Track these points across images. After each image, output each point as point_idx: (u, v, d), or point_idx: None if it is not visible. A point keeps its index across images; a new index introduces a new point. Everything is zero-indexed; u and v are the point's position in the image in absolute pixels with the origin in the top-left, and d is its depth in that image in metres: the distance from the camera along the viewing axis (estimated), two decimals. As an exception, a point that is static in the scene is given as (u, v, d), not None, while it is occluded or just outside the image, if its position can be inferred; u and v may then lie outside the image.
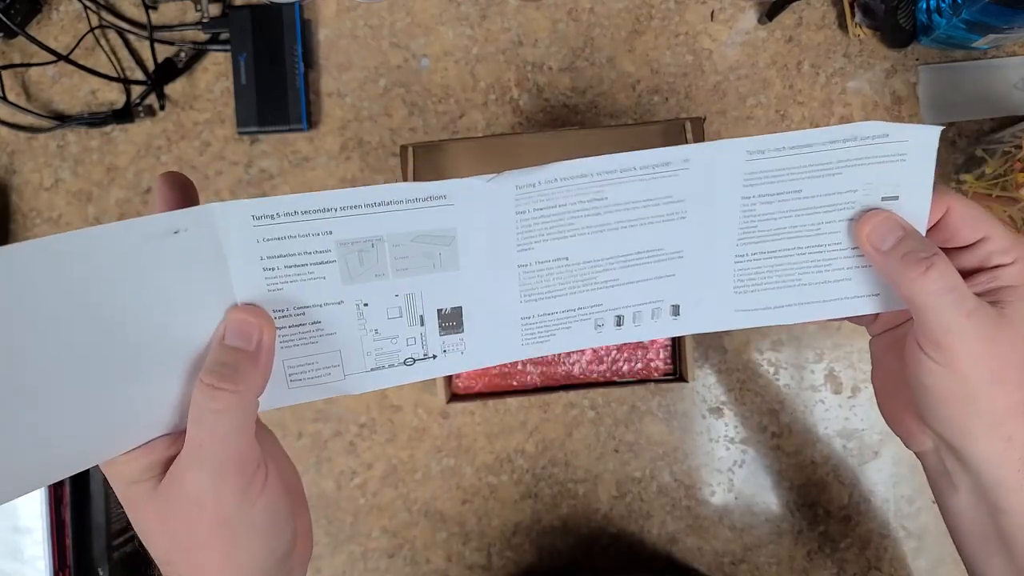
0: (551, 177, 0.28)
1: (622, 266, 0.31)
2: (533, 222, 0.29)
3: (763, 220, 0.32)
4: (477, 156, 0.48)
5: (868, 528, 0.56)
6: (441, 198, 0.27)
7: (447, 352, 0.31)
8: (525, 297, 0.30)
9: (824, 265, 0.33)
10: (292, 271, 0.27)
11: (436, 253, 0.28)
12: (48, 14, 0.60)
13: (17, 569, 0.51)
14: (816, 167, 0.31)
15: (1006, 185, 0.49)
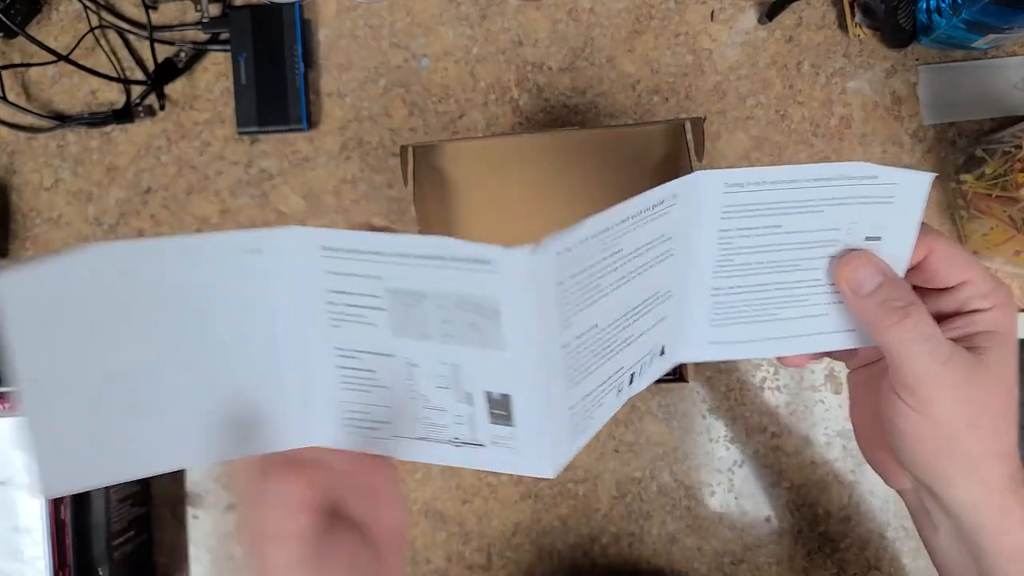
0: (584, 235, 0.25)
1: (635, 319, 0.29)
2: (570, 292, 0.26)
3: (740, 253, 0.31)
4: (477, 157, 0.48)
5: (868, 528, 0.56)
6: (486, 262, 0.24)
7: (496, 444, 0.28)
8: (571, 381, 0.27)
9: (802, 300, 0.32)
10: (349, 309, 0.26)
11: (481, 325, 0.25)
12: (48, 14, 0.60)
13: (17, 569, 0.51)
14: (798, 203, 0.30)
15: (1006, 185, 0.49)
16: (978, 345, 0.30)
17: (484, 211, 0.51)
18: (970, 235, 0.54)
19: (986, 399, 0.29)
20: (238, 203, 0.59)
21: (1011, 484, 0.30)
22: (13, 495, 0.51)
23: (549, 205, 0.51)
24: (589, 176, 0.50)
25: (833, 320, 0.33)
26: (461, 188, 0.50)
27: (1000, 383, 0.30)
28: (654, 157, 0.49)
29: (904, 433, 0.30)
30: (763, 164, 0.57)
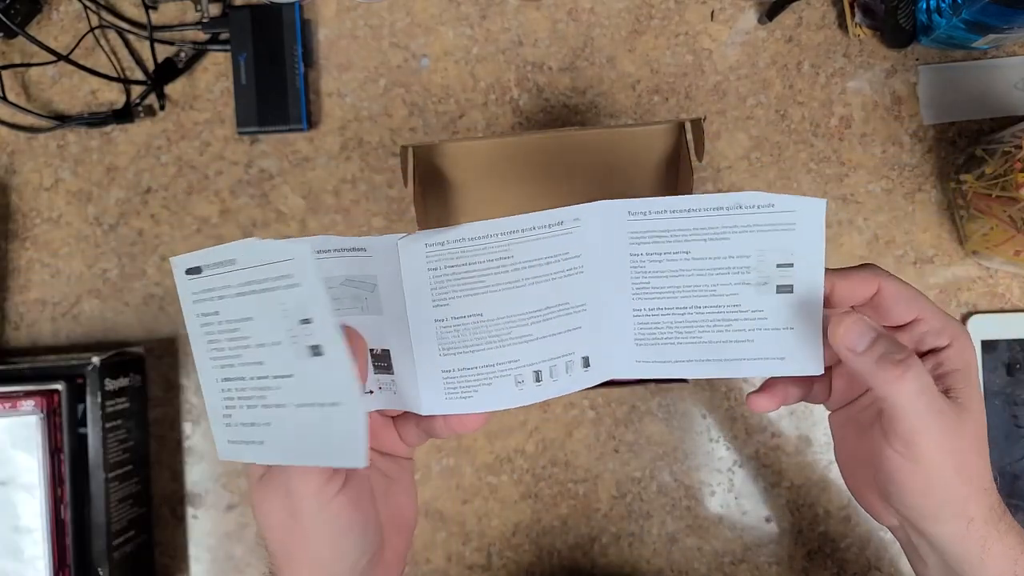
0: (459, 236, 0.31)
1: (534, 321, 0.33)
2: (446, 279, 0.31)
3: (655, 277, 0.33)
4: (477, 157, 0.48)
5: (868, 528, 0.56)
6: (362, 250, 0.31)
7: (382, 389, 0.34)
8: (443, 350, 0.32)
9: (724, 325, 0.34)
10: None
11: (362, 297, 0.32)
12: (48, 14, 0.60)
13: (17, 569, 0.51)
14: (702, 231, 0.32)
15: (1006, 185, 0.49)
16: (952, 386, 0.31)
17: (484, 211, 0.51)
18: (970, 235, 0.54)
19: (970, 443, 0.31)
20: (238, 203, 0.59)
21: (992, 515, 0.32)
22: (13, 495, 0.51)
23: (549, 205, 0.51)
24: (589, 176, 0.50)
25: (760, 347, 0.34)
26: (461, 188, 0.50)
27: (977, 423, 0.31)
28: (654, 157, 0.49)
29: (893, 478, 0.32)
30: (763, 164, 0.57)
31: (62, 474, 0.51)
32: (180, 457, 0.58)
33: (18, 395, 0.51)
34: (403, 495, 0.37)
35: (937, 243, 0.57)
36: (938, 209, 0.57)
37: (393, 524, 0.35)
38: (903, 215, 0.57)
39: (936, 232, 0.57)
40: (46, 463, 0.51)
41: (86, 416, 0.51)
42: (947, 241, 0.56)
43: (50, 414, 0.51)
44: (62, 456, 0.52)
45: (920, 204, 0.57)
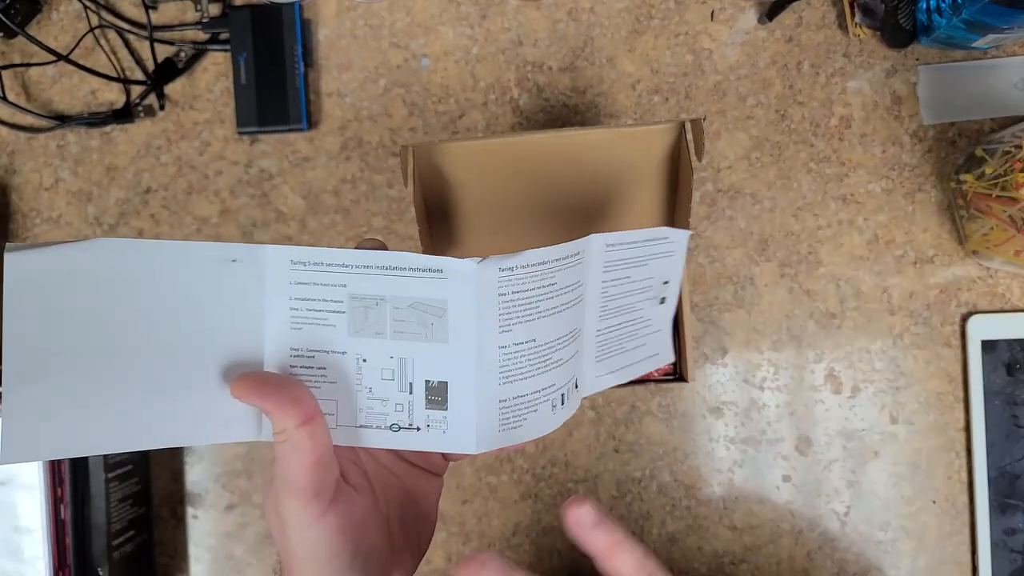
0: (524, 262, 0.31)
1: (563, 346, 0.34)
2: (512, 304, 0.32)
3: (611, 300, 0.38)
4: (477, 157, 0.48)
5: (868, 528, 0.56)
6: (438, 271, 0.30)
7: (430, 427, 0.32)
8: (503, 379, 0.32)
9: (633, 334, 0.41)
10: (310, 314, 0.31)
11: (429, 322, 0.31)
12: (48, 14, 0.60)
13: (17, 569, 0.51)
14: (638, 259, 0.38)
15: (1006, 185, 0.49)
16: None
17: (484, 211, 0.51)
18: (970, 235, 0.54)
19: None
20: (238, 203, 0.59)
21: None
22: (14, 495, 0.51)
23: (549, 205, 0.51)
24: (589, 176, 0.50)
25: (648, 348, 0.42)
26: (461, 188, 0.50)
27: None
28: (654, 157, 0.49)
29: None
30: (763, 164, 0.57)
31: (62, 474, 0.51)
32: (180, 457, 0.58)
33: (18, 395, 0.51)
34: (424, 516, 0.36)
35: (937, 243, 0.57)
36: (938, 209, 0.57)
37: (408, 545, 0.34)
38: (903, 215, 0.57)
39: (936, 232, 0.57)
40: (46, 463, 0.51)
41: (86, 416, 0.51)
42: (947, 241, 0.56)
43: (50, 414, 0.51)
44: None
45: (920, 204, 0.57)
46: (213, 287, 0.29)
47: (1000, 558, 0.55)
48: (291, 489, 0.29)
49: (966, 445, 0.56)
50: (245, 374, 0.29)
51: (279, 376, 0.30)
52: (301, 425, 0.28)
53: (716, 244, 0.57)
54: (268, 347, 0.31)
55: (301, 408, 0.29)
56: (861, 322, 0.57)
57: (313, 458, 0.29)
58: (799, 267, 0.57)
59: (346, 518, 0.30)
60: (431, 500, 0.36)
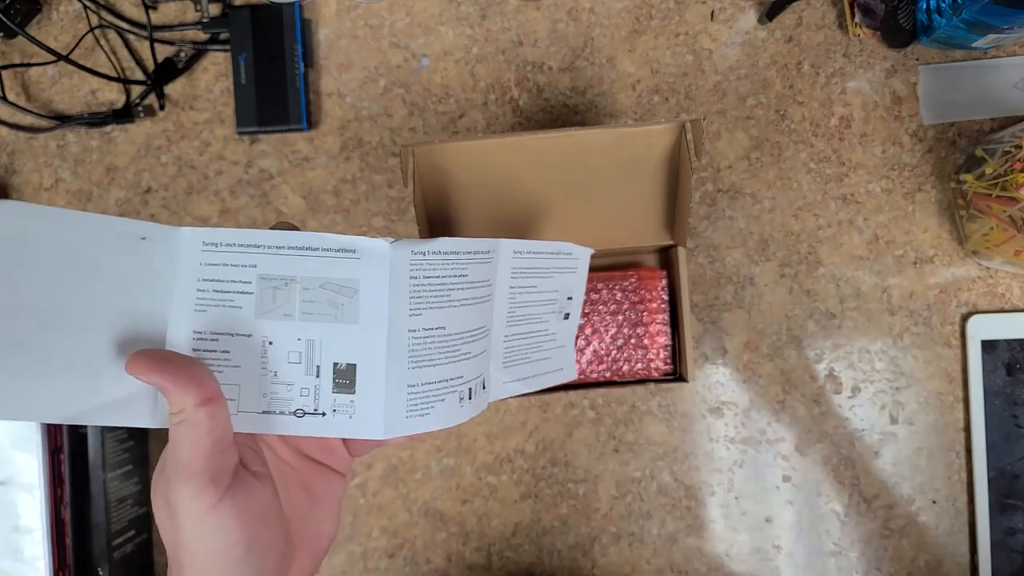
0: (437, 248, 0.32)
1: (473, 339, 0.35)
2: (423, 289, 0.32)
3: (519, 307, 0.39)
4: (477, 157, 0.48)
5: (868, 528, 0.56)
6: (351, 251, 0.30)
7: (336, 412, 0.31)
8: (412, 363, 0.32)
9: (539, 346, 0.42)
10: (217, 295, 0.30)
11: (339, 303, 0.30)
12: (48, 14, 0.60)
13: (17, 569, 0.51)
14: (544, 270, 0.40)
15: (1006, 185, 0.49)
16: None
17: (484, 211, 0.51)
18: (970, 235, 0.54)
19: None
20: (238, 203, 0.59)
21: None
22: (13, 495, 0.51)
23: (549, 205, 0.51)
24: (589, 176, 0.50)
25: (554, 362, 0.44)
26: (461, 188, 0.50)
27: None
28: (654, 157, 0.49)
29: None
30: (763, 163, 0.57)
31: (62, 474, 0.51)
32: (180, 457, 0.58)
33: (18, 395, 0.51)
34: (324, 516, 0.34)
35: (937, 243, 0.57)
36: (938, 209, 0.57)
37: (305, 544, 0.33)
38: (903, 215, 0.57)
39: (936, 232, 0.57)
40: (46, 463, 0.51)
41: (86, 416, 0.51)
42: (947, 241, 0.56)
43: (50, 414, 0.51)
44: (62, 456, 0.51)
45: (920, 204, 0.57)
46: (118, 263, 0.28)
47: (1000, 558, 0.55)
48: (185, 473, 0.27)
49: (966, 445, 0.56)
50: (143, 351, 0.28)
51: (179, 355, 0.29)
52: (200, 405, 0.27)
53: (716, 244, 0.57)
54: (171, 328, 0.30)
55: (201, 387, 0.28)
56: (861, 322, 0.57)
57: (211, 440, 0.28)
58: (799, 267, 0.57)
59: (243, 507, 0.28)
60: (333, 500, 0.35)
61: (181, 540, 0.28)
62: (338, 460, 0.35)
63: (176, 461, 0.28)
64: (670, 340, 0.53)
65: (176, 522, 0.28)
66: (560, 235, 0.52)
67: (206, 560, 0.28)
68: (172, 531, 0.28)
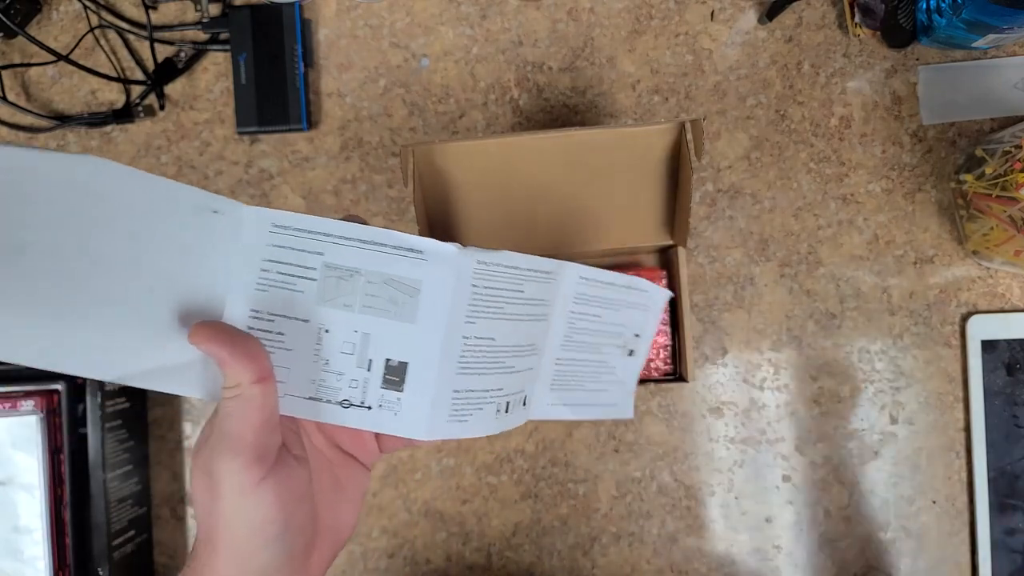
0: (501, 261, 0.32)
1: (517, 355, 0.35)
2: (482, 298, 0.32)
3: (577, 333, 0.39)
4: (477, 157, 0.48)
5: (868, 528, 0.56)
6: (418, 252, 0.30)
7: (382, 407, 0.31)
8: (461, 369, 0.32)
9: (597, 376, 0.42)
10: (279, 277, 0.30)
11: (400, 300, 0.31)
12: (48, 14, 0.60)
13: (17, 569, 0.51)
14: (612, 301, 0.40)
15: (1006, 185, 0.49)
16: None
17: (484, 211, 0.51)
18: (970, 235, 0.54)
19: None
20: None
21: None
22: (14, 495, 0.51)
23: (549, 205, 0.51)
24: (589, 176, 0.50)
25: (609, 395, 0.43)
26: (461, 188, 0.50)
27: None
28: (654, 157, 0.49)
29: None
30: (763, 163, 0.57)
31: (62, 474, 0.51)
32: (180, 457, 0.58)
33: (18, 395, 0.51)
34: (347, 505, 0.35)
35: (937, 243, 0.57)
36: (938, 209, 0.57)
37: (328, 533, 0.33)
38: (903, 215, 0.57)
39: (936, 232, 0.57)
40: (46, 463, 0.51)
41: (86, 416, 0.51)
42: (947, 241, 0.56)
43: (50, 414, 0.51)
44: (62, 456, 0.51)
45: (920, 204, 0.57)
46: (189, 232, 0.29)
47: (1000, 558, 0.55)
48: (233, 448, 0.28)
49: (966, 445, 0.56)
50: (206, 322, 0.29)
51: (239, 330, 0.29)
52: (255, 382, 0.28)
53: (716, 244, 0.57)
54: (229, 303, 0.30)
55: (258, 364, 0.28)
56: (861, 322, 0.57)
57: (261, 418, 0.28)
58: (799, 267, 0.57)
59: (284, 486, 0.29)
60: (357, 491, 0.35)
61: (219, 513, 0.28)
62: (367, 454, 0.36)
63: (225, 434, 0.28)
64: (670, 340, 0.53)
65: (217, 494, 0.28)
66: (560, 235, 0.52)
67: (243, 536, 0.29)
68: (210, 503, 0.28)
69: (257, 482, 0.28)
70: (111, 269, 0.28)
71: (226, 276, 0.30)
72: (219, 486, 0.28)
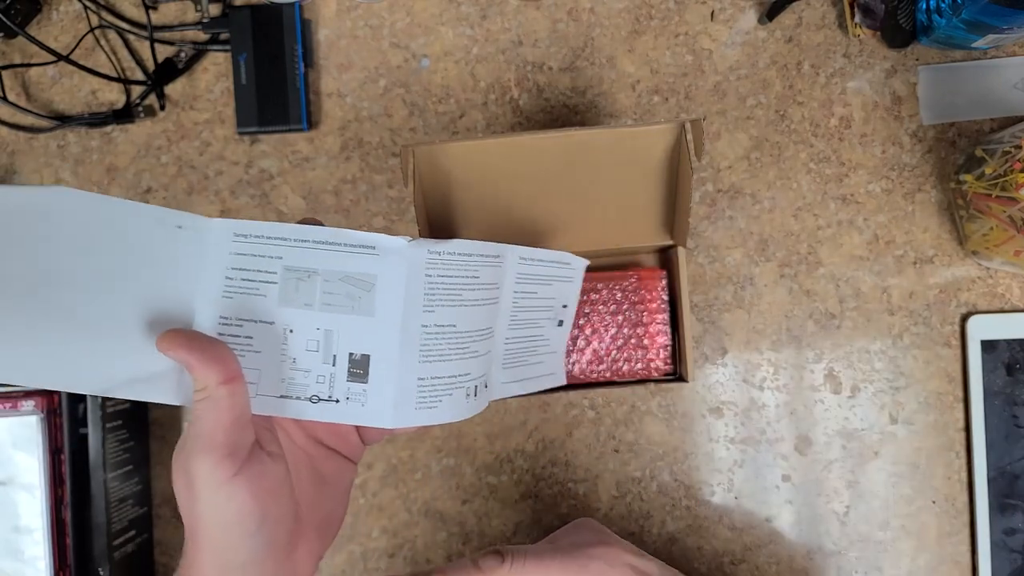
0: (452, 250, 0.33)
1: (481, 339, 0.36)
2: (437, 287, 0.33)
3: (520, 311, 0.41)
4: (477, 157, 0.48)
5: (868, 528, 0.56)
6: (371, 247, 0.31)
7: (349, 400, 0.33)
8: (423, 357, 0.33)
9: (534, 350, 0.44)
10: (244, 284, 0.32)
11: (357, 295, 0.32)
12: (48, 14, 0.60)
13: (17, 569, 0.51)
14: (545, 277, 0.42)
15: (1006, 185, 0.49)
16: None
17: (484, 211, 0.51)
18: (970, 235, 0.54)
19: None
20: (238, 203, 0.59)
21: None
22: (14, 495, 0.51)
23: (549, 205, 0.51)
24: (589, 176, 0.50)
25: (546, 366, 0.46)
26: (461, 188, 0.50)
27: None
28: (654, 157, 0.49)
29: None
30: (763, 164, 0.57)
31: (63, 474, 0.52)
32: (180, 457, 0.58)
33: (18, 395, 0.51)
34: (334, 501, 0.36)
35: (937, 243, 0.57)
36: (938, 209, 0.57)
37: (313, 526, 0.34)
38: (903, 215, 0.57)
39: (936, 232, 0.57)
40: (47, 463, 0.51)
41: (87, 416, 0.52)
42: (947, 241, 0.57)
43: (50, 414, 0.51)
44: (63, 456, 0.52)
45: (920, 204, 0.57)
46: (155, 248, 0.31)
47: (1000, 558, 0.55)
48: (205, 447, 0.29)
49: (966, 445, 0.56)
50: (173, 329, 0.30)
51: (205, 335, 0.31)
52: (222, 383, 0.29)
53: (716, 244, 0.57)
54: (199, 312, 0.32)
55: (224, 367, 0.29)
56: (861, 322, 0.57)
57: (231, 417, 0.29)
58: (799, 267, 0.57)
59: (257, 482, 0.30)
60: (342, 484, 0.36)
61: (197, 511, 0.30)
62: (350, 447, 0.36)
63: (197, 435, 0.29)
64: (670, 340, 0.53)
65: (193, 493, 0.29)
66: (560, 236, 0.52)
67: (221, 531, 0.30)
68: (189, 502, 0.30)
69: (229, 478, 0.29)
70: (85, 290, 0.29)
71: (194, 286, 0.31)
72: (194, 484, 0.29)
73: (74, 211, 0.29)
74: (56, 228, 0.29)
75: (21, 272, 0.28)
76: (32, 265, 0.29)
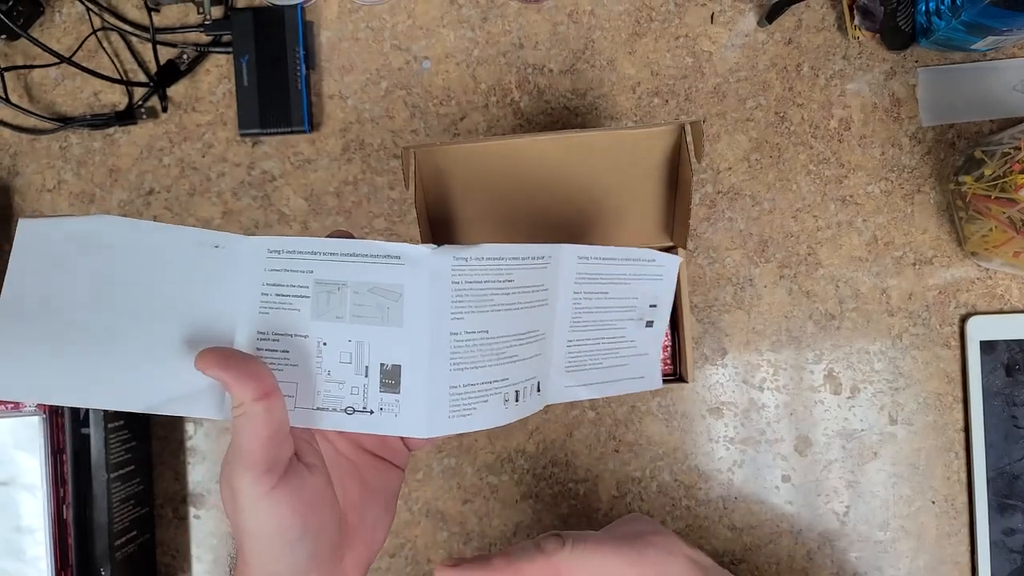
0: (480, 255, 0.33)
1: (519, 343, 0.35)
2: (465, 293, 0.33)
3: (585, 313, 0.40)
4: (478, 159, 0.48)
5: (868, 528, 0.57)
6: (396, 257, 0.32)
7: (383, 411, 0.33)
8: (454, 366, 0.33)
9: (615, 352, 0.42)
10: (278, 299, 0.32)
11: (386, 306, 0.32)
12: (50, 16, 0.60)
13: (19, 569, 0.51)
14: (617, 276, 0.40)
15: (1005, 187, 0.49)
16: None
17: (485, 213, 0.52)
18: (969, 236, 0.54)
19: None
20: (240, 204, 0.59)
21: None
22: (16, 495, 0.51)
23: (550, 207, 0.51)
24: (589, 178, 0.50)
25: (631, 369, 0.44)
26: (462, 190, 0.50)
27: None
28: (654, 159, 0.49)
29: None
30: (763, 165, 0.57)
31: (64, 474, 0.52)
32: (182, 457, 0.59)
33: (21, 396, 0.51)
34: (381, 508, 0.36)
35: (936, 244, 0.57)
36: (937, 210, 0.57)
37: (361, 534, 0.35)
38: (902, 216, 0.57)
39: (935, 233, 0.57)
40: (48, 463, 0.51)
41: (88, 416, 0.52)
42: (946, 242, 0.57)
43: (52, 414, 0.51)
44: (64, 456, 0.52)
45: (919, 206, 0.57)
46: (194, 269, 0.32)
47: (999, 558, 0.55)
48: (244, 462, 0.30)
49: (965, 445, 0.56)
50: (210, 348, 0.31)
51: (240, 352, 0.31)
52: (258, 399, 0.30)
53: (716, 245, 0.57)
54: (238, 329, 0.32)
55: (259, 383, 0.30)
56: (860, 323, 0.57)
57: (268, 432, 0.30)
58: (798, 268, 0.57)
59: (296, 494, 0.31)
60: (390, 491, 0.37)
61: (241, 524, 0.30)
62: (395, 454, 0.37)
63: (237, 450, 0.30)
64: (670, 341, 0.53)
65: (237, 506, 0.30)
66: (561, 236, 0.52)
67: (263, 543, 0.30)
68: (234, 515, 0.31)
69: (268, 491, 0.30)
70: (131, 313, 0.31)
71: (233, 303, 0.32)
72: (237, 498, 0.30)
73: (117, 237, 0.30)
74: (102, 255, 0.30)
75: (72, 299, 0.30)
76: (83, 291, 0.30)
